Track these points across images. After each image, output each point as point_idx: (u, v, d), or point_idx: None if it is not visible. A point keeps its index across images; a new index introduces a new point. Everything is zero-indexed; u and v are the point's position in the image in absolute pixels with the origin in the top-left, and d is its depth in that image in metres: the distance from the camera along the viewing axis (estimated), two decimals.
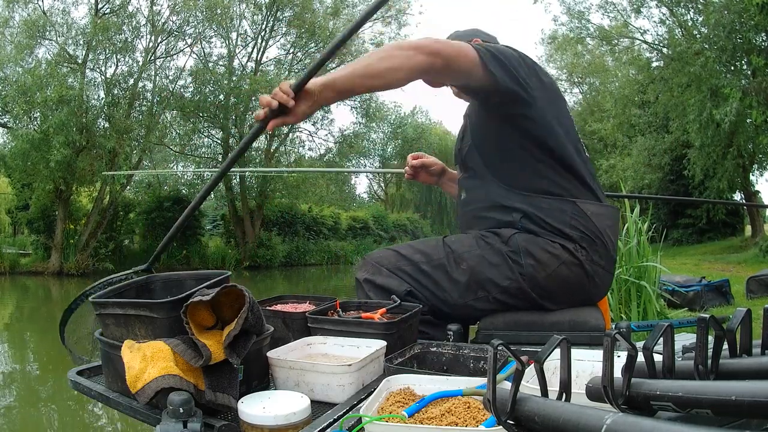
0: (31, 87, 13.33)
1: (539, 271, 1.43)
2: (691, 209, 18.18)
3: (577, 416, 0.49)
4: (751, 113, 10.36)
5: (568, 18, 17.62)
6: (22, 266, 15.05)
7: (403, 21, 20.52)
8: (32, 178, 14.40)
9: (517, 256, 1.44)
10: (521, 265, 1.44)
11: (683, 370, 0.63)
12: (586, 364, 0.96)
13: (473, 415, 0.81)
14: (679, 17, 15.48)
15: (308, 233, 21.91)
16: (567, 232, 1.43)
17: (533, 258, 1.43)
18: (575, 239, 1.43)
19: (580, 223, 1.44)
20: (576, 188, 1.48)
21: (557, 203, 1.45)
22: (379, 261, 1.59)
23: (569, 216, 1.44)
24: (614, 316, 4.13)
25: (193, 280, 1.25)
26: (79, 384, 1.15)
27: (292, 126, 20.04)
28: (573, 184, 1.48)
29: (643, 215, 5.39)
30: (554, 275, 1.43)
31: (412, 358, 1.18)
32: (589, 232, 1.44)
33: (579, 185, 1.49)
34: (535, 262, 1.43)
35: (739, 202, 18.20)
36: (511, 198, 1.49)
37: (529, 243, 1.44)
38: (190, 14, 16.07)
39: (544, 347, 0.60)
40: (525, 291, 1.45)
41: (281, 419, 0.90)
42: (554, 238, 1.44)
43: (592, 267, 1.45)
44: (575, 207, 1.45)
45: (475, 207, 1.59)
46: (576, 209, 1.45)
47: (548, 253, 1.43)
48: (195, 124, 18.29)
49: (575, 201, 1.45)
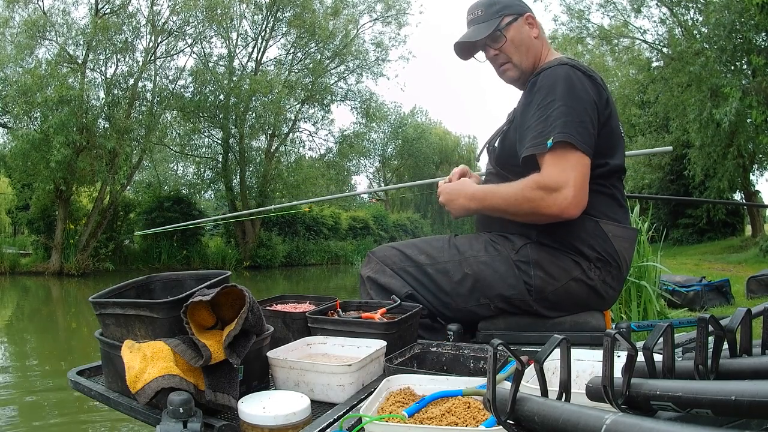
0: (32, 87, 13.33)
1: (547, 285, 1.42)
2: (691, 209, 18.19)
3: (577, 416, 0.49)
4: (751, 113, 10.36)
5: (568, 17, 17.60)
6: (23, 266, 15.04)
7: (404, 21, 20.55)
8: (32, 178, 14.40)
9: (526, 266, 1.43)
10: (530, 276, 1.42)
11: (683, 370, 0.63)
12: (586, 364, 0.96)
13: (473, 415, 0.81)
14: (679, 17, 15.47)
15: (308, 233, 21.92)
16: (583, 251, 1.41)
17: (543, 270, 1.42)
18: (591, 259, 1.42)
19: (598, 243, 1.41)
20: (607, 207, 1.45)
21: (579, 221, 1.40)
22: (384, 260, 1.57)
23: (589, 235, 1.41)
24: (614, 316, 4.13)
25: (193, 280, 1.25)
26: (79, 384, 1.15)
27: (292, 126, 20.09)
28: (606, 204, 1.45)
29: (643, 215, 5.38)
30: (562, 290, 1.42)
31: (412, 358, 1.18)
32: (606, 254, 1.42)
33: (612, 204, 1.46)
34: (544, 274, 1.42)
35: (739, 202, 18.20)
36: None
37: (541, 256, 1.43)
38: (190, 14, 16.05)
39: (544, 347, 0.60)
40: (528, 303, 1.44)
41: (281, 419, 0.90)
42: (569, 254, 1.42)
43: (603, 287, 1.44)
44: (597, 227, 1.42)
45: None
46: (597, 229, 1.42)
47: (559, 268, 1.42)
48: (195, 124, 18.30)
49: (598, 221, 1.42)
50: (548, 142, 1.32)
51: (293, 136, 20.66)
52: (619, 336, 0.57)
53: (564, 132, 1.31)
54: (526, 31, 1.55)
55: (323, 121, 21.06)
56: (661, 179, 18.59)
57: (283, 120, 19.22)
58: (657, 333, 0.61)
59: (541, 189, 1.33)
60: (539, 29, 1.57)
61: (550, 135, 1.32)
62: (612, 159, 1.45)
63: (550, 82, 1.39)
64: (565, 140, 1.31)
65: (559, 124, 1.32)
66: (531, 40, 1.55)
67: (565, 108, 1.34)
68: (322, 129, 21.80)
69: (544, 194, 1.32)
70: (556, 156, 1.32)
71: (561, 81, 1.38)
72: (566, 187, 1.30)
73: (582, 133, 1.33)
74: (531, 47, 1.55)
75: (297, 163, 19.91)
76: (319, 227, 22.50)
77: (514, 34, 1.53)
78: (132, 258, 17.03)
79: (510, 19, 1.53)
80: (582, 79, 1.39)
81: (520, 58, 1.55)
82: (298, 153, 20.90)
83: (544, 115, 1.36)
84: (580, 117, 1.34)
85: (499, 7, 1.54)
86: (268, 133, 19.59)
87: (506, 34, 1.53)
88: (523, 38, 1.54)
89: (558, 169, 1.32)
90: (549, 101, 1.36)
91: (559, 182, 1.31)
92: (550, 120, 1.34)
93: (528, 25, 1.55)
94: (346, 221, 24.48)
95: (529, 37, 1.54)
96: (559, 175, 1.31)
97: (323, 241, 22.14)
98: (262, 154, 19.78)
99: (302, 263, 20.51)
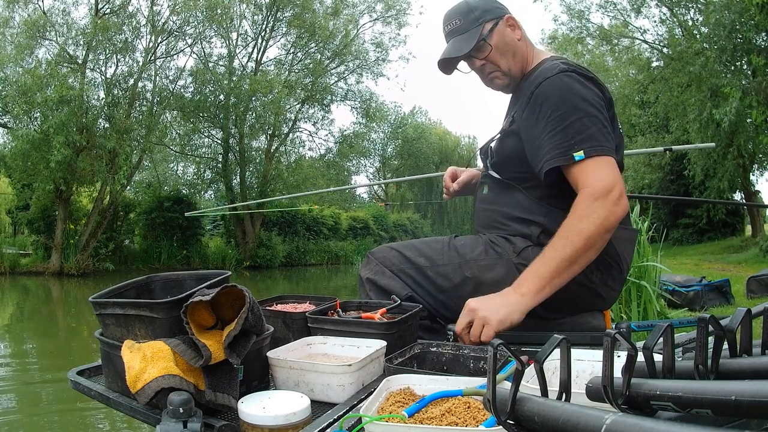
0: (32, 87, 13.34)
1: None
2: (691, 209, 18.21)
3: (577, 416, 0.49)
4: (751, 113, 10.37)
5: (568, 18, 17.62)
6: (23, 266, 15.05)
7: (404, 21, 20.55)
8: (32, 178, 14.41)
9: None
10: None
11: (683, 370, 0.63)
12: (586, 364, 0.96)
13: (473, 415, 0.81)
14: (679, 17, 15.48)
15: (308, 233, 21.93)
16: None
17: None
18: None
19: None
20: None
21: None
22: (383, 261, 1.56)
23: None
24: (614, 316, 4.13)
25: (193, 280, 1.25)
26: (79, 384, 1.15)
27: (292, 126, 20.10)
28: None
29: (643, 215, 5.38)
30: (563, 292, 1.40)
31: (412, 358, 1.18)
32: (608, 256, 1.41)
33: None
34: None
35: (739, 202, 18.22)
36: (534, 211, 1.45)
37: None
38: (190, 14, 16.06)
39: (544, 347, 0.60)
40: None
41: (281, 419, 0.90)
42: None
43: (603, 288, 1.44)
44: None
45: (495, 210, 1.54)
46: None
47: None
48: (195, 124, 18.31)
49: None
50: (576, 155, 1.30)
51: (293, 136, 20.69)
52: (619, 336, 0.57)
53: (594, 144, 1.31)
54: (509, 34, 1.51)
55: (323, 121, 21.11)
56: (661, 179, 18.60)
57: (283, 120, 19.23)
58: (657, 333, 0.61)
59: (599, 200, 1.29)
60: (521, 29, 1.54)
61: (576, 147, 1.31)
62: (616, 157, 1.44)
63: (557, 91, 1.36)
64: (598, 153, 1.31)
65: (585, 137, 1.32)
66: (515, 43, 1.51)
67: (587, 118, 1.33)
68: (322, 129, 21.88)
69: (600, 203, 1.29)
70: (593, 164, 1.31)
71: (569, 90, 1.36)
72: (615, 186, 1.30)
73: (608, 138, 1.34)
74: (517, 50, 1.51)
75: (297, 163, 19.92)
76: (319, 227, 22.51)
77: (498, 40, 1.49)
78: (132, 258, 17.03)
79: (491, 25, 1.49)
80: (588, 84, 1.38)
81: (507, 64, 1.51)
82: (298, 153, 20.94)
83: (561, 125, 1.33)
84: (598, 124, 1.34)
85: (478, 13, 1.49)
86: (268, 133, 19.61)
87: (490, 42, 1.48)
88: (508, 42, 1.50)
89: (601, 174, 1.30)
90: (562, 112, 1.34)
91: (607, 185, 1.29)
92: (571, 131, 1.32)
93: (510, 27, 1.52)
94: (346, 221, 24.48)
95: (513, 40, 1.51)
96: (605, 179, 1.30)
97: (323, 241, 22.15)
98: (262, 154, 19.80)
99: (302, 263, 20.52)
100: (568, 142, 1.32)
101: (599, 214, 1.27)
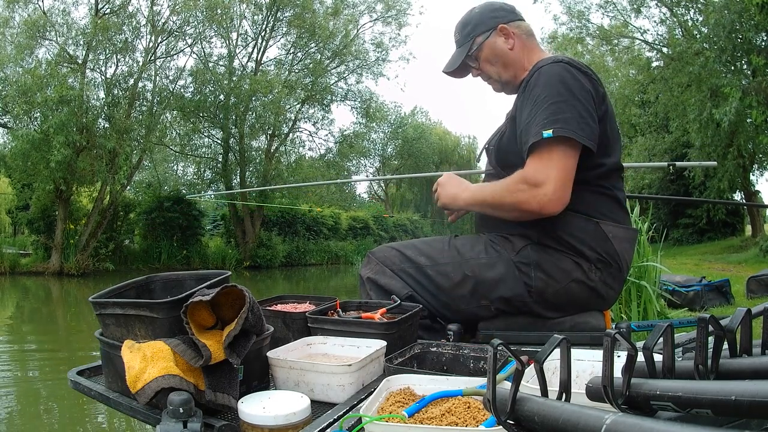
0: (32, 87, 13.32)
1: (548, 286, 1.42)
2: (691, 209, 18.20)
3: (577, 416, 0.49)
4: (751, 113, 10.37)
5: (568, 17, 17.62)
6: (23, 266, 15.03)
7: (404, 21, 20.54)
8: (32, 178, 14.40)
9: (527, 267, 1.43)
10: (530, 278, 1.42)
11: (683, 370, 0.63)
12: (586, 364, 0.96)
13: (473, 415, 0.81)
14: (679, 17, 15.47)
15: (308, 233, 21.92)
16: (584, 252, 1.41)
17: (544, 272, 1.42)
18: (591, 260, 1.42)
19: (599, 244, 1.41)
20: (607, 208, 1.45)
21: (580, 222, 1.41)
22: (384, 260, 1.57)
23: (590, 236, 1.41)
24: (614, 316, 4.13)
25: (193, 280, 1.25)
26: (79, 384, 1.15)
27: (292, 126, 20.10)
28: (606, 205, 1.45)
29: (643, 215, 5.38)
30: (563, 291, 1.42)
31: (412, 358, 1.18)
32: (607, 255, 1.42)
33: (612, 205, 1.46)
34: (545, 276, 1.42)
35: (739, 202, 18.21)
36: None
37: (542, 257, 1.43)
38: (190, 14, 16.06)
39: (544, 347, 0.60)
40: (528, 304, 1.44)
41: (281, 419, 0.90)
42: (569, 255, 1.42)
43: (603, 288, 1.44)
44: (597, 228, 1.41)
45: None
46: (598, 230, 1.41)
47: (560, 270, 1.42)
48: (195, 124, 18.30)
49: (598, 222, 1.42)
50: (545, 132, 1.31)
51: (293, 136, 20.68)
52: (619, 336, 0.57)
53: (565, 127, 1.31)
54: (500, 44, 1.56)
55: (323, 121, 21.08)
56: (661, 179, 18.60)
57: (283, 120, 19.22)
58: (657, 333, 0.61)
59: (523, 183, 1.34)
60: (515, 37, 1.56)
61: (548, 126, 1.32)
62: (609, 158, 1.44)
63: (546, 79, 1.39)
64: (565, 135, 1.30)
65: (560, 119, 1.32)
66: (506, 53, 1.56)
67: (564, 104, 1.34)
68: (322, 129, 21.87)
69: (526, 188, 1.33)
70: (544, 151, 1.33)
71: (557, 78, 1.37)
72: (547, 183, 1.31)
73: (583, 127, 1.33)
74: (507, 60, 1.56)
75: (297, 163, 19.91)
76: (319, 227, 22.50)
77: (487, 53, 1.57)
78: (132, 258, 17.03)
79: (482, 39, 1.57)
80: (577, 75, 1.39)
81: (498, 72, 1.59)
82: (298, 153, 20.92)
83: (540, 109, 1.35)
84: (579, 112, 1.33)
85: (470, 28, 1.58)
86: (268, 133, 19.60)
87: (479, 55, 1.58)
88: (498, 53, 1.56)
89: (541, 165, 1.32)
90: (544, 96, 1.36)
91: (539, 178, 1.31)
92: (547, 114, 1.33)
93: (503, 37, 1.56)
94: (346, 221, 24.47)
95: (503, 50, 1.56)
96: (541, 171, 1.32)
97: (323, 241, 22.14)
98: (262, 154, 19.78)
99: (302, 263, 20.52)
100: (543, 122, 1.33)
101: (517, 197, 1.36)
